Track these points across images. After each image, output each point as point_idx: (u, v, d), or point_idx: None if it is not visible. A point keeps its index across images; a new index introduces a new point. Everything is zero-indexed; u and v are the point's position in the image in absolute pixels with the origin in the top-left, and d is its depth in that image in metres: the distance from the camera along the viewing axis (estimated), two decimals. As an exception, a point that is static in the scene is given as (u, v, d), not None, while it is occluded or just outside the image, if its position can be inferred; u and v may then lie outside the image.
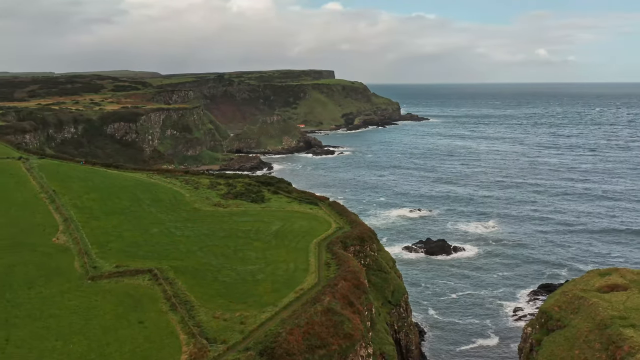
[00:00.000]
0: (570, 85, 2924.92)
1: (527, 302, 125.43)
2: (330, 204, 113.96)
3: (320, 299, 67.73)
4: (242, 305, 66.97)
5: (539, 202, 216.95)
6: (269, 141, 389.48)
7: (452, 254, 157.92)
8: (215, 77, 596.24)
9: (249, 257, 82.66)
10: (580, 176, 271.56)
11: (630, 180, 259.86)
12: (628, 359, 60.05)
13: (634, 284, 78.34)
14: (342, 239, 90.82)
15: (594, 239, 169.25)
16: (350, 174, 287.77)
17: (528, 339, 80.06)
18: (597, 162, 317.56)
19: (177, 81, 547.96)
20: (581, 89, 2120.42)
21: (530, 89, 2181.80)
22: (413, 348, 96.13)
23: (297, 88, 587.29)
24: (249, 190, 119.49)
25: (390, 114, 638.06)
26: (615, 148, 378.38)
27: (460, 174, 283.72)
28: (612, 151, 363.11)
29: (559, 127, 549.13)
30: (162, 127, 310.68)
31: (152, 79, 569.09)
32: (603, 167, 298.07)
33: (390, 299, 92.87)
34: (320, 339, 61.39)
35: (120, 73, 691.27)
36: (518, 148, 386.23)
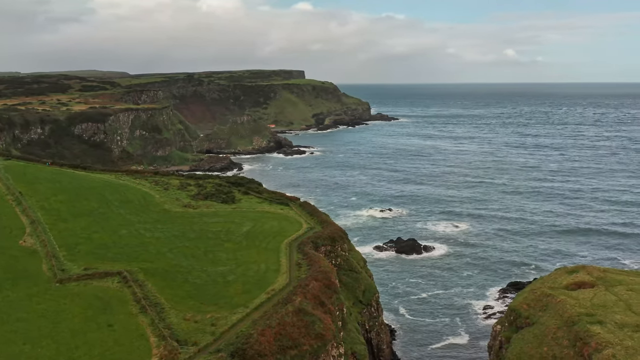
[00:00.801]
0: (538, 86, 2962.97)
1: (496, 300, 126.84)
2: (301, 204, 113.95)
3: (292, 299, 67.71)
4: (213, 306, 66.65)
5: (507, 202, 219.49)
6: (240, 141, 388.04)
7: (422, 253, 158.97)
8: (184, 77, 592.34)
9: (219, 258, 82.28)
10: (548, 176, 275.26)
11: (596, 179, 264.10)
12: (595, 355, 61.02)
13: (600, 281, 79.63)
14: (313, 239, 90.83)
15: (561, 238, 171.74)
16: (321, 174, 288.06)
17: (497, 336, 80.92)
18: (564, 161, 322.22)
19: (146, 81, 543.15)
20: (549, 89, 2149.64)
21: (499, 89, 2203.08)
22: (384, 347, 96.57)
23: (268, 88, 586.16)
24: (219, 191, 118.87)
25: (360, 114, 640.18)
26: (581, 147, 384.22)
27: (430, 173, 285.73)
28: (578, 151, 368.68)
29: (527, 126, 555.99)
30: (131, 128, 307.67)
31: (120, 79, 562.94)
32: (569, 166, 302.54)
33: (361, 298, 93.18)
34: (292, 339, 61.38)
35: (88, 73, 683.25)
36: (486, 148, 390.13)
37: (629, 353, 59.63)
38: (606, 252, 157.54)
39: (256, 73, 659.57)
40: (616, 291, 75.20)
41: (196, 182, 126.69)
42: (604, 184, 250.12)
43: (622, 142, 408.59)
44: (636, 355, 59.09)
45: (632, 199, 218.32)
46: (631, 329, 64.59)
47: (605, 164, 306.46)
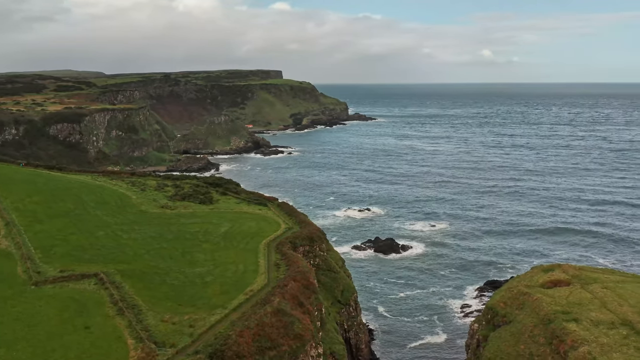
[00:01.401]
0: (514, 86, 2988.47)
1: (473, 299, 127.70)
2: (279, 205, 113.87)
3: (270, 300, 67.62)
4: (191, 308, 66.31)
5: (483, 201, 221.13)
6: (217, 142, 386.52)
7: (400, 253, 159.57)
8: (161, 77, 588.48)
9: (197, 259, 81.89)
10: (524, 175, 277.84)
11: (571, 179, 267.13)
12: (571, 353, 61.67)
13: (575, 279, 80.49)
14: (292, 239, 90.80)
15: (537, 237, 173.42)
16: (299, 174, 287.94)
17: (475, 335, 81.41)
18: (539, 161, 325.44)
19: (122, 81, 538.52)
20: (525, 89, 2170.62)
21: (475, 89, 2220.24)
22: (363, 347, 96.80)
23: (245, 88, 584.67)
24: (196, 191, 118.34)
25: (338, 114, 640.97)
26: (556, 147, 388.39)
27: (407, 173, 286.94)
28: (553, 150, 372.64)
29: (503, 126, 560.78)
30: (107, 128, 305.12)
31: (96, 78, 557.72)
32: (545, 166, 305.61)
33: (339, 298, 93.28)
34: (271, 340, 61.29)
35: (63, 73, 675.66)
36: (463, 147, 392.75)
37: (604, 350, 60.38)
38: (581, 251, 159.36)
39: (233, 73, 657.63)
40: (591, 289, 76.07)
41: (173, 183, 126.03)
42: (579, 184, 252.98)
43: (597, 142, 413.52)
44: (611, 352, 59.85)
45: (606, 198, 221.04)
46: (606, 326, 65.39)
47: (580, 164, 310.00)
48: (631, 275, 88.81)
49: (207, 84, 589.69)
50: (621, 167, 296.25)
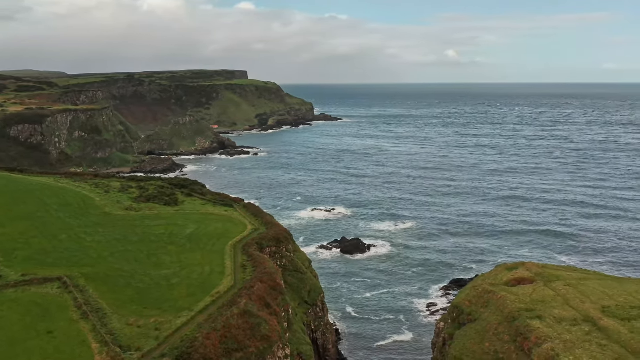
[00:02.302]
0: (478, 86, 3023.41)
1: (439, 298, 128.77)
2: (245, 206, 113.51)
3: (237, 301, 67.33)
4: (157, 310, 65.70)
5: (448, 201, 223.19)
6: (182, 142, 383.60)
7: (366, 252, 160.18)
8: (125, 77, 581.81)
9: (163, 261, 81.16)
10: (487, 175, 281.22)
11: (533, 178, 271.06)
12: (535, 350, 62.50)
13: (539, 277, 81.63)
14: (258, 240, 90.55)
15: (501, 236, 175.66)
16: (265, 175, 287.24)
17: (441, 333, 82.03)
18: (503, 161, 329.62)
19: (85, 81, 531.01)
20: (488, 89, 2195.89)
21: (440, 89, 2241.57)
22: (330, 347, 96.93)
23: (210, 88, 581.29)
24: (161, 193, 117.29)
25: (304, 114, 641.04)
26: (520, 147, 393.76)
27: (373, 173, 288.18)
28: (516, 150, 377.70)
29: (467, 126, 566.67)
30: (69, 129, 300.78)
31: (58, 79, 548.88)
32: (508, 166, 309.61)
33: (306, 299, 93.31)
34: (238, 342, 61.03)
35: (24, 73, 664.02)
36: (428, 148, 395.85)
37: (567, 347, 61.32)
38: (544, 249, 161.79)
39: (198, 73, 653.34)
40: (554, 286, 77.22)
41: (138, 184, 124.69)
42: (541, 183, 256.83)
43: (558, 142, 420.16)
44: (574, 348, 60.83)
45: (568, 198, 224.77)
46: (569, 323, 66.43)
47: (542, 163, 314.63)
48: (593, 272, 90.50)
49: (171, 84, 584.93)
50: (582, 167, 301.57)
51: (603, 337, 62.71)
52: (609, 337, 62.77)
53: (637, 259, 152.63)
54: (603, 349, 60.43)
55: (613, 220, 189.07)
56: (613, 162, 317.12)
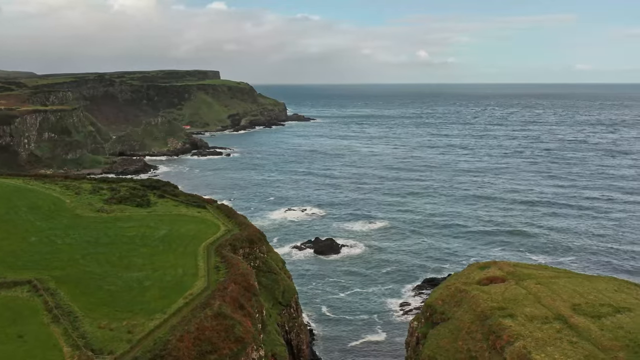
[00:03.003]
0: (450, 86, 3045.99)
1: (412, 297, 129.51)
2: (218, 207, 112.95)
3: (210, 303, 67.00)
4: (129, 313, 65.10)
5: (420, 201, 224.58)
6: (154, 143, 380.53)
7: (340, 253, 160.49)
8: (95, 77, 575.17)
9: (135, 263, 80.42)
10: (459, 175, 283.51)
11: (504, 178, 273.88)
12: (507, 348, 63.16)
13: (510, 275, 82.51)
14: (231, 241, 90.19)
15: (473, 235, 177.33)
16: (238, 176, 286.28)
17: (414, 332, 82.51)
18: (474, 161, 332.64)
19: (55, 81, 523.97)
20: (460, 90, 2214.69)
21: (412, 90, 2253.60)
22: (304, 348, 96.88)
23: (182, 89, 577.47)
24: (133, 194, 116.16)
25: (276, 115, 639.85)
26: (491, 147, 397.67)
27: (346, 174, 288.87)
28: (488, 150, 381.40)
29: (439, 127, 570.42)
30: (38, 130, 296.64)
31: (27, 79, 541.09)
32: (479, 166, 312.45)
33: (280, 299, 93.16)
34: (211, 344, 60.72)
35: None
36: (400, 148, 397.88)
37: (539, 344, 62.06)
38: (515, 248, 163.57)
39: (170, 73, 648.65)
40: (526, 285, 78.10)
41: (109, 186, 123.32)
42: (512, 183, 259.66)
43: (529, 142, 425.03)
44: (545, 346, 61.57)
45: (538, 197, 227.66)
46: (540, 321, 67.23)
47: (512, 163, 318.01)
48: (563, 270, 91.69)
49: (143, 84, 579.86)
50: (552, 167, 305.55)
51: (574, 335, 63.58)
52: (579, 334, 63.67)
53: (606, 257, 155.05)
54: (574, 346, 61.29)
55: (583, 219, 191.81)
56: (582, 161, 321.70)
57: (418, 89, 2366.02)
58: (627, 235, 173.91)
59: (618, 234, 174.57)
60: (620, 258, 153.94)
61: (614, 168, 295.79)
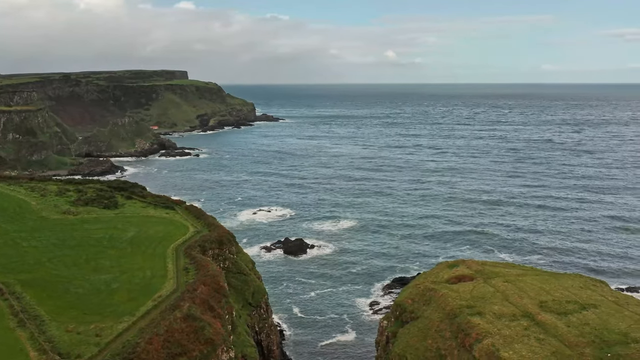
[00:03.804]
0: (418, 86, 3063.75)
1: (382, 296, 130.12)
2: (187, 208, 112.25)
3: (180, 305, 66.60)
4: (97, 316, 64.41)
5: (389, 201, 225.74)
6: (121, 144, 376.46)
7: (310, 253, 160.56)
8: (60, 77, 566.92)
9: (102, 266, 79.59)
10: (426, 175, 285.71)
11: (471, 178, 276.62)
12: (476, 345, 63.81)
13: (478, 274, 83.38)
14: (200, 242, 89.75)
15: (441, 235, 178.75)
16: (206, 176, 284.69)
17: (384, 331, 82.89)
18: (442, 160, 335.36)
19: (19, 81, 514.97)
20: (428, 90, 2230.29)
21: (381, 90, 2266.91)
22: (274, 348, 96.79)
23: (149, 89, 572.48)
24: (100, 195, 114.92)
25: (245, 115, 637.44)
26: (459, 147, 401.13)
27: (315, 174, 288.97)
28: (455, 150, 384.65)
29: (407, 127, 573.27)
30: (2, 131, 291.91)
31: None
32: (446, 166, 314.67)
33: (250, 300, 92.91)
34: (181, 346, 60.37)
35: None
36: (369, 148, 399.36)
37: (507, 341, 62.82)
38: (483, 246, 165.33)
39: (137, 73, 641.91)
40: (493, 283, 79.00)
41: (76, 187, 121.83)
42: (479, 183, 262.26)
43: (496, 142, 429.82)
44: (513, 343, 62.35)
45: (505, 197, 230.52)
46: (508, 318, 68.06)
47: (480, 164, 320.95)
48: (530, 268, 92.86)
49: (109, 84, 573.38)
50: (519, 166, 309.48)
51: (541, 332, 64.50)
52: (546, 331, 64.60)
53: (572, 254, 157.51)
54: (541, 343, 62.17)
55: (549, 218, 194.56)
56: (548, 161, 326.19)
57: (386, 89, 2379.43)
58: (592, 233, 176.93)
59: (583, 233, 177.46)
60: (585, 256, 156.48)
61: (579, 167, 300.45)
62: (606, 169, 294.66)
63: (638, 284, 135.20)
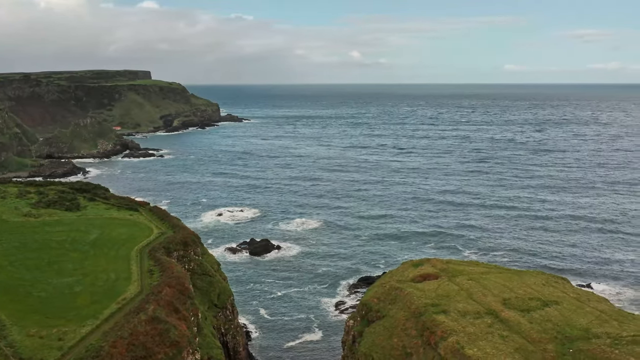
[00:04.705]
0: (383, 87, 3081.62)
1: (348, 296, 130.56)
2: (151, 209, 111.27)
3: (144, 307, 65.96)
4: (60, 320, 63.45)
5: (354, 201, 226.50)
6: (83, 145, 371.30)
7: (275, 253, 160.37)
8: (21, 77, 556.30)
9: (65, 268, 78.44)
10: (391, 176, 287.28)
11: (434, 178, 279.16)
12: (441, 343, 64.42)
13: (443, 272, 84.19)
14: (165, 244, 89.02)
15: (405, 235, 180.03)
16: (171, 177, 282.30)
17: (350, 331, 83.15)
18: (406, 161, 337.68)
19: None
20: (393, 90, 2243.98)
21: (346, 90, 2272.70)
22: (240, 350, 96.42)
23: (112, 89, 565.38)
24: (62, 197, 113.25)
25: (210, 115, 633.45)
26: (424, 147, 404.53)
27: (280, 175, 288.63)
28: (419, 150, 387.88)
29: (372, 127, 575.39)
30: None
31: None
32: (410, 166, 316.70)
33: (216, 302, 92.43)
34: (146, 348, 59.79)
35: None
36: (333, 148, 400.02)
37: (471, 339, 63.57)
38: (447, 246, 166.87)
39: (99, 73, 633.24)
40: (458, 281, 79.84)
41: (37, 189, 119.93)
42: (443, 183, 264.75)
43: (459, 141, 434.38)
44: (478, 340, 63.10)
45: (467, 196, 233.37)
46: (472, 316, 68.87)
47: (443, 163, 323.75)
48: (493, 266, 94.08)
49: (71, 84, 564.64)
50: (481, 165, 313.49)
51: (505, 329, 65.42)
52: (510, 328, 65.54)
53: (534, 252, 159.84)
54: (505, 339, 63.05)
55: (511, 217, 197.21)
56: (511, 160, 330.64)
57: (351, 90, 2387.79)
58: (554, 232, 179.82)
59: (545, 231, 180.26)
60: (547, 254, 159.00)
61: (540, 167, 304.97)
62: (567, 168, 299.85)
63: (598, 281, 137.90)
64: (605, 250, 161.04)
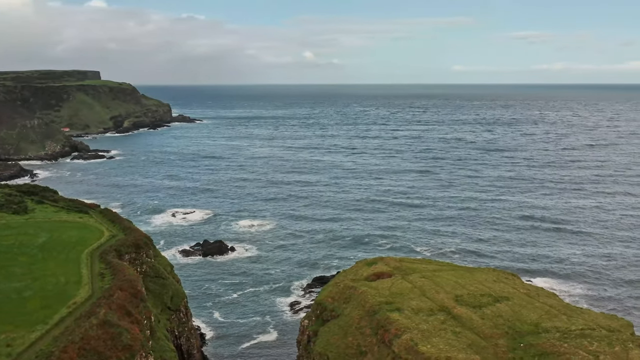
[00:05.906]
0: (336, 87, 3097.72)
1: (302, 296, 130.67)
2: (101, 211, 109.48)
3: (96, 311, 64.81)
4: (9, 326, 61.87)
5: (306, 202, 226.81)
6: (30, 147, 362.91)
7: (229, 254, 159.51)
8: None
9: (13, 273, 76.52)
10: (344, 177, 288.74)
11: (387, 178, 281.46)
12: (395, 341, 64.99)
13: (397, 270, 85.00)
14: (116, 247, 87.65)
15: (359, 234, 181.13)
16: (121, 179, 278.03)
17: (305, 331, 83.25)
18: (359, 161, 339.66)
19: None
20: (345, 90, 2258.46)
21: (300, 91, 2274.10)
22: (195, 352, 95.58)
23: (60, 89, 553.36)
24: (9, 200, 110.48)
25: (161, 116, 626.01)
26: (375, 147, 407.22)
27: (233, 175, 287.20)
28: (371, 150, 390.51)
29: (325, 127, 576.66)
30: None
31: None
32: (362, 167, 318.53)
33: (169, 304, 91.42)
34: (97, 353, 58.72)
35: None
36: (287, 149, 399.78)
37: (425, 335, 64.32)
38: (401, 244, 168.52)
39: (47, 73, 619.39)
40: (411, 279, 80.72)
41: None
42: (395, 184, 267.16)
43: (410, 141, 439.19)
44: (431, 337, 63.88)
45: (419, 196, 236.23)
46: (426, 313, 69.72)
47: (396, 164, 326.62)
48: (446, 263, 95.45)
49: (16, 85, 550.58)
50: (433, 165, 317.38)
51: (457, 325, 66.40)
52: (462, 324, 66.56)
53: (485, 250, 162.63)
54: (457, 336, 63.99)
55: (463, 216, 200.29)
56: (462, 159, 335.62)
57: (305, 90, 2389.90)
58: (503, 230, 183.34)
59: (495, 230, 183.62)
60: (497, 251, 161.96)
61: (490, 166, 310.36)
62: (517, 167, 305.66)
63: (548, 277, 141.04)
64: (554, 247, 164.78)
